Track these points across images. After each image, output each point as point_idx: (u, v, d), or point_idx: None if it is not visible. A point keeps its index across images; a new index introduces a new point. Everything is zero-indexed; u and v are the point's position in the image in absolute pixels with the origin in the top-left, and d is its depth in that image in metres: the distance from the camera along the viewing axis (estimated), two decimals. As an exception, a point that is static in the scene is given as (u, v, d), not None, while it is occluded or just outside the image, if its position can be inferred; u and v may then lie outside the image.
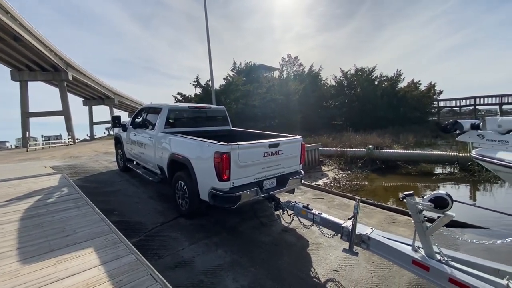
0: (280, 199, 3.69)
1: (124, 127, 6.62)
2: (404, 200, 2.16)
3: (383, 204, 5.12)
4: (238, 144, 3.48)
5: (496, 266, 1.98)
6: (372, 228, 2.66)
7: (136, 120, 6.21)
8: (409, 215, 2.29)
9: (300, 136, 4.50)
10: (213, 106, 6.30)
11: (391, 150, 12.43)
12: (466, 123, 2.29)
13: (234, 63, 26.46)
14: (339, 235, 2.77)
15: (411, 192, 2.14)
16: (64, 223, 3.25)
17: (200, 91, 21.50)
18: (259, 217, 4.32)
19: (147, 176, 5.41)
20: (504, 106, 29.01)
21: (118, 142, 7.34)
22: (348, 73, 26.01)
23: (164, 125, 5.06)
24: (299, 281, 2.70)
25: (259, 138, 4.17)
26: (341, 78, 26.39)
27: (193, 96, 21.52)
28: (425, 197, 2.12)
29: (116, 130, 7.38)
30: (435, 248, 2.13)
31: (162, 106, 5.29)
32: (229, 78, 22.46)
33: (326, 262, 3.06)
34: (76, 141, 35.36)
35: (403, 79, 25.61)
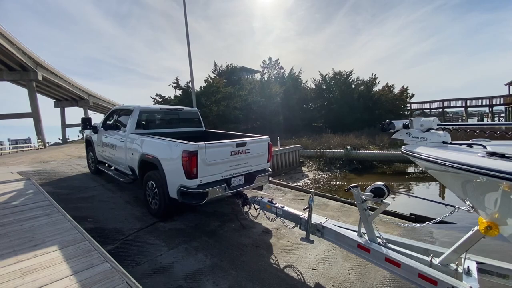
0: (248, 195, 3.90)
1: (95, 129, 6.52)
2: (351, 191, 2.46)
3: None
4: (205, 144, 3.62)
5: (425, 246, 2.40)
6: (326, 218, 2.96)
7: (108, 122, 6.11)
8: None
9: (267, 136, 4.68)
10: (186, 108, 6.36)
11: (367, 151, 12.93)
12: (399, 123, 2.62)
13: (215, 65, 26.34)
14: (299, 225, 3.04)
15: (356, 184, 2.43)
16: (32, 232, 3.07)
17: (180, 93, 21.18)
18: (239, 219, 4.32)
19: (118, 178, 5.37)
20: (469, 109, 31.19)
21: (89, 144, 7.19)
22: (327, 76, 26.78)
23: (135, 126, 5.07)
24: (279, 281, 2.74)
25: (230, 139, 4.29)
26: (320, 82, 27.10)
27: (172, 98, 21.12)
28: (366, 188, 2.42)
29: (87, 132, 7.21)
30: (377, 233, 2.47)
31: (134, 107, 5.27)
32: (210, 80, 22.28)
33: (306, 262, 3.13)
34: (47, 144, 33.37)
35: (378, 82, 26.75)
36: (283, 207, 3.29)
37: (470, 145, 2.06)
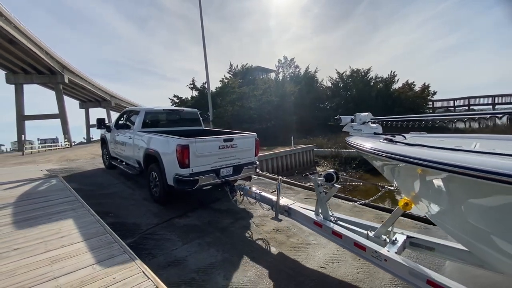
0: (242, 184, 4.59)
1: (108, 128, 7.26)
2: (309, 176, 3.12)
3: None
4: (195, 139, 4.26)
5: (368, 223, 2.84)
6: (293, 202, 3.52)
7: (119, 122, 6.88)
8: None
9: (254, 133, 5.30)
10: (186, 109, 7.13)
11: (384, 151, 12.61)
12: (347, 118, 3.09)
13: (231, 65, 26.64)
14: (272, 207, 3.63)
15: (315, 171, 2.80)
16: (60, 224, 3.34)
17: (196, 94, 21.61)
18: (251, 217, 4.43)
19: (128, 170, 6.12)
20: (497, 106, 29.44)
21: (103, 142, 8.05)
22: (344, 74, 26.30)
23: (141, 125, 5.80)
24: (287, 277, 2.82)
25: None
26: (336, 80, 26.66)
27: (189, 99, 21.61)
28: (321, 174, 2.97)
29: (102, 131, 8.03)
30: (330, 213, 2.97)
31: (140, 109, 6.12)
32: (225, 80, 22.58)
33: (314, 260, 3.18)
34: (73, 144, 35.22)
35: (398, 80, 25.92)
36: (261, 192, 3.95)
37: (393, 135, 2.40)
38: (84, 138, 58.81)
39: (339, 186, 2.87)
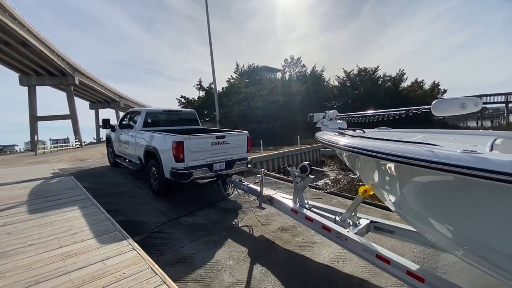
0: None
1: (113, 128, 7.71)
2: (287, 168, 3.67)
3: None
4: (189, 136, 4.73)
5: (338, 210, 3.13)
6: (276, 192, 3.89)
7: (123, 122, 7.31)
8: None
9: (246, 131, 5.68)
10: (185, 109, 7.72)
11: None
12: (319, 115, 3.39)
13: (237, 65, 26.73)
14: (257, 197, 4.01)
15: (292, 165, 3.00)
16: (72, 221, 3.46)
17: (203, 94, 21.77)
18: (257, 216, 4.47)
19: (130, 166, 6.63)
20: (510, 104, 28.67)
21: (108, 141, 8.61)
22: (351, 73, 26.08)
23: (142, 125, 6.26)
24: (291, 276, 2.84)
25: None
26: (343, 79, 26.46)
27: (196, 99, 21.80)
28: (298, 167, 3.31)
29: (107, 131, 8.55)
30: (306, 201, 3.27)
31: (141, 110, 6.64)
32: (231, 80, 22.67)
33: (320, 258, 3.20)
34: (83, 144, 35.98)
35: (406, 78, 25.58)
36: (249, 184, 4.38)
37: (354, 130, 2.66)
38: (94, 138, 59.96)
39: (312, 176, 3.27)
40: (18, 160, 14.59)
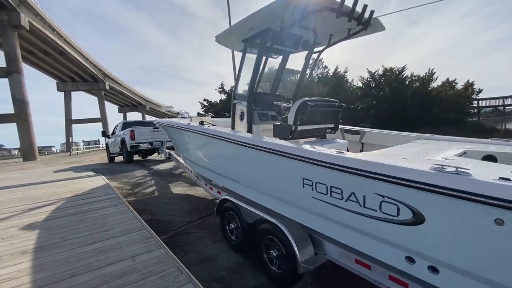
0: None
1: (108, 136, 12.45)
2: None
3: None
4: (137, 127, 10.13)
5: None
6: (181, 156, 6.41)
7: (114, 132, 11.92)
8: None
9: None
10: (145, 120, 13.20)
11: (421, 154, 11.82)
12: (184, 114, 5.56)
13: (258, 68, 26.80)
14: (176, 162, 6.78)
15: None
16: (103, 219, 3.64)
17: (225, 97, 22.10)
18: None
19: (118, 154, 11.54)
20: (557, 104, 26.05)
21: (107, 146, 12.82)
22: (376, 73, 25.12)
23: (121, 129, 11.01)
24: (315, 280, 2.78)
25: None
26: (368, 79, 25.55)
27: (218, 102, 22.18)
28: None
29: (106, 140, 12.96)
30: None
31: (121, 122, 11.82)
32: (253, 83, 22.76)
33: (345, 265, 3.09)
34: (112, 145, 37.92)
35: (436, 78, 24.08)
36: (170, 151, 7.76)
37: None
38: (122, 140, 62.95)
39: None
40: (55, 161, 15.71)
